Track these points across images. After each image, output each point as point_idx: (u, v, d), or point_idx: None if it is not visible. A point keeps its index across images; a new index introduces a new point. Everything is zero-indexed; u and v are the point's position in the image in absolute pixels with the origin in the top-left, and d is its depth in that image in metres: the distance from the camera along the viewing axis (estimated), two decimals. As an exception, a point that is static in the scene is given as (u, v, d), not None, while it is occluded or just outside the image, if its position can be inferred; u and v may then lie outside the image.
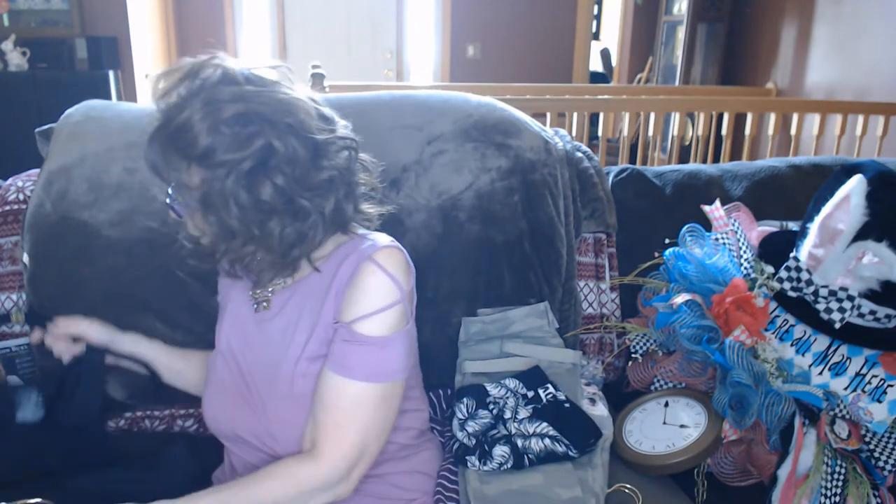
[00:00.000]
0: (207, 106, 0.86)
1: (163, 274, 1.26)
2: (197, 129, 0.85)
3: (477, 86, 3.68)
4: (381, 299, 0.94)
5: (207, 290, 1.26)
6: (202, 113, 0.85)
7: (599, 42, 7.77)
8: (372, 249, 0.96)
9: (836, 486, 1.13)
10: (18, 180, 1.35)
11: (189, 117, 0.86)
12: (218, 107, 0.86)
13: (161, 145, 0.89)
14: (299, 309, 1.00)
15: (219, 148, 0.86)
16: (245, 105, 0.87)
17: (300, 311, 1.00)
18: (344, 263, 0.97)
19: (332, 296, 0.96)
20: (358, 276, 0.95)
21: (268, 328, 1.02)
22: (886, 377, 1.20)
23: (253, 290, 1.05)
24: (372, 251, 0.96)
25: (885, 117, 3.54)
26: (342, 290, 0.96)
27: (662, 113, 3.66)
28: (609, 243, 1.48)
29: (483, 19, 5.48)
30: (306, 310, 0.99)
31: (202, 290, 1.27)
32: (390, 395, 0.97)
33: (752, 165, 1.61)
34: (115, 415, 1.32)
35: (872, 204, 1.23)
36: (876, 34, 3.81)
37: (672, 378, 1.30)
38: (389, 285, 0.94)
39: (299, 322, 0.99)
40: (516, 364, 1.26)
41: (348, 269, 0.96)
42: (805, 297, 1.25)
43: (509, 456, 1.09)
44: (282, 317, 1.01)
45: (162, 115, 0.90)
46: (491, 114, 1.39)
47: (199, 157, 0.87)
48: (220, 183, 0.87)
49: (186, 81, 0.89)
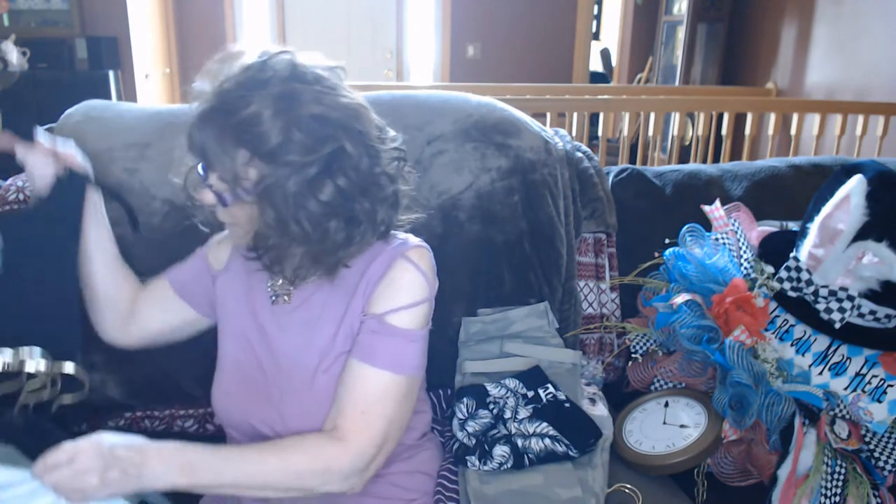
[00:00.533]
0: (281, 102, 0.84)
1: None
2: (268, 125, 0.84)
3: (477, 86, 3.68)
4: (413, 295, 0.96)
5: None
6: (274, 109, 0.84)
7: (599, 42, 7.77)
8: (405, 247, 0.98)
9: (836, 486, 1.13)
10: (18, 180, 1.34)
11: (258, 112, 0.84)
12: (293, 105, 0.85)
13: (218, 132, 0.85)
14: (322, 304, 1.00)
15: (291, 149, 0.85)
16: (321, 108, 0.86)
17: (323, 306, 1.00)
18: (375, 262, 0.98)
19: (361, 292, 0.97)
20: (391, 272, 0.96)
21: (286, 321, 1.02)
22: (886, 377, 1.21)
23: (272, 282, 1.04)
24: (405, 249, 0.98)
25: (885, 117, 3.54)
26: (372, 286, 0.97)
27: (662, 113, 3.66)
28: (609, 243, 1.48)
29: (483, 19, 5.47)
30: (331, 305, 0.99)
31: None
32: (410, 390, 0.98)
33: (752, 165, 1.61)
34: (115, 415, 1.32)
35: (872, 204, 1.23)
36: (876, 34, 3.81)
37: (672, 378, 1.30)
38: (421, 282, 0.97)
39: (322, 316, 0.99)
40: (516, 364, 1.26)
41: (380, 267, 0.97)
42: (805, 297, 1.25)
43: (509, 456, 1.09)
44: (303, 310, 1.01)
45: (219, 101, 0.86)
46: (491, 114, 1.39)
47: (266, 154, 0.85)
48: (284, 180, 0.86)
49: (251, 71, 0.87)
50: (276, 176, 0.86)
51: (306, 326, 1.00)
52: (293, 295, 1.02)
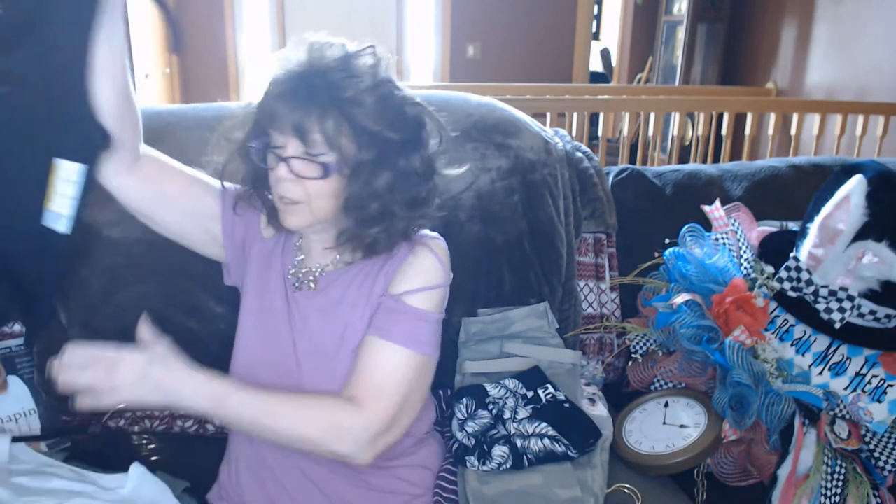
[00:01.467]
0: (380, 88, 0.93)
1: (163, 274, 1.25)
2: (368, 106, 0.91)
3: (477, 86, 3.67)
4: (430, 278, 1.02)
5: (208, 290, 1.25)
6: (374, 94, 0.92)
7: (599, 42, 7.77)
8: (424, 237, 1.05)
9: (836, 486, 1.13)
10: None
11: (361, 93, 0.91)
12: (387, 94, 0.94)
13: (325, 106, 0.90)
14: (343, 288, 1.02)
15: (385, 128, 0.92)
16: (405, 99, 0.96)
17: (344, 290, 1.02)
18: (401, 248, 1.02)
19: (382, 276, 1.02)
20: (411, 257, 1.02)
21: (306, 306, 1.03)
22: (886, 377, 1.21)
23: (296, 269, 1.05)
24: (425, 238, 1.05)
25: (885, 117, 3.53)
26: (393, 271, 1.02)
27: (662, 113, 3.66)
28: (609, 243, 1.48)
29: (483, 19, 5.47)
30: (352, 289, 1.02)
31: (202, 290, 1.27)
32: (425, 370, 1.02)
33: (752, 165, 1.62)
34: (114, 414, 1.32)
35: (872, 204, 1.23)
36: (876, 34, 3.81)
37: (672, 378, 1.30)
38: (439, 268, 1.02)
39: (343, 300, 1.02)
40: (516, 364, 1.26)
41: (402, 253, 1.02)
42: (805, 297, 1.25)
43: (508, 456, 1.09)
44: (324, 295, 1.03)
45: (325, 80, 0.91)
46: (491, 114, 1.39)
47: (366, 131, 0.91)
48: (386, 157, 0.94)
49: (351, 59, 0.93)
50: (376, 151, 0.93)
51: (328, 313, 1.02)
52: (319, 281, 1.04)
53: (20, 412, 1.21)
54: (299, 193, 0.94)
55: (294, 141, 0.92)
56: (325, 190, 0.94)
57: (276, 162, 0.94)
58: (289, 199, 0.94)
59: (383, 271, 1.02)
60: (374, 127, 0.91)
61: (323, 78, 0.91)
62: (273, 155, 0.94)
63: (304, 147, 0.91)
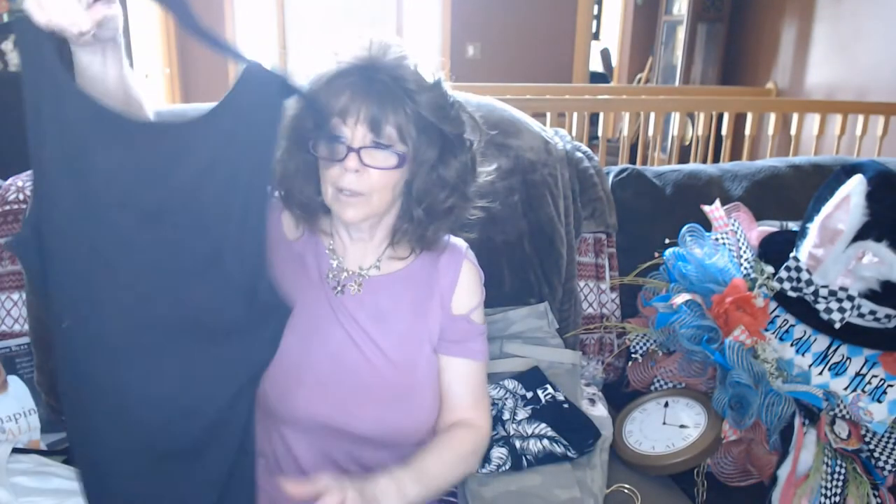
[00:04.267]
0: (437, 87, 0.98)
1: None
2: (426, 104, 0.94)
3: (477, 86, 3.67)
4: (481, 292, 1.10)
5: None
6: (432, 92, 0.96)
7: (599, 42, 7.77)
8: (462, 248, 1.09)
9: (836, 486, 1.13)
10: (18, 180, 1.34)
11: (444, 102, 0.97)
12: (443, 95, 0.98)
13: (396, 104, 0.92)
14: (393, 298, 1.03)
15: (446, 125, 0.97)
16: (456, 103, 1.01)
17: (394, 301, 1.03)
18: (440, 260, 1.06)
19: (437, 293, 1.05)
20: (465, 273, 1.07)
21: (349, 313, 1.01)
22: (886, 377, 1.20)
23: (335, 273, 1.03)
24: (465, 249, 1.09)
25: (885, 117, 3.53)
26: (450, 290, 1.06)
27: (662, 113, 3.65)
28: (609, 243, 1.48)
29: (483, 19, 5.47)
30: (406, 299, 1.04)
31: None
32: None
33: (752, 165, 1.62)
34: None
35: (872, 204, 1.23)
36: (875, 34, 3.81)
37: (672, 378, 1.30)
38: (481, 279, 1.10)
39: (395, 310, 1.02)
40: (516, 364, 1.26)
41: (450, 266, 1.06)
42: (805, 297, 1.25)
43: (507, 457, 1.09)
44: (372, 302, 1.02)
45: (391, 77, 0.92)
46: (491, 114, 1.39)
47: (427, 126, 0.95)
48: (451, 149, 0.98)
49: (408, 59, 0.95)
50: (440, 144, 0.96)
51: (375, 320, 1.02)
52: (363, 286, 1.03)
53: (20, 412, 1.21)
54: (363, 185, 0.93)
55: (365, 132, 0.91)
56: (389, 181, 0.94)
57: (343, 153, 0.92)
58: (351, 191, 0.93)
59: (439, 281, 1.05)
60: (437, 122, 0.95)
61: (390, 73, 0.93)
62: (340, 146, 0.92)
63: (376, 138, 0.92)
